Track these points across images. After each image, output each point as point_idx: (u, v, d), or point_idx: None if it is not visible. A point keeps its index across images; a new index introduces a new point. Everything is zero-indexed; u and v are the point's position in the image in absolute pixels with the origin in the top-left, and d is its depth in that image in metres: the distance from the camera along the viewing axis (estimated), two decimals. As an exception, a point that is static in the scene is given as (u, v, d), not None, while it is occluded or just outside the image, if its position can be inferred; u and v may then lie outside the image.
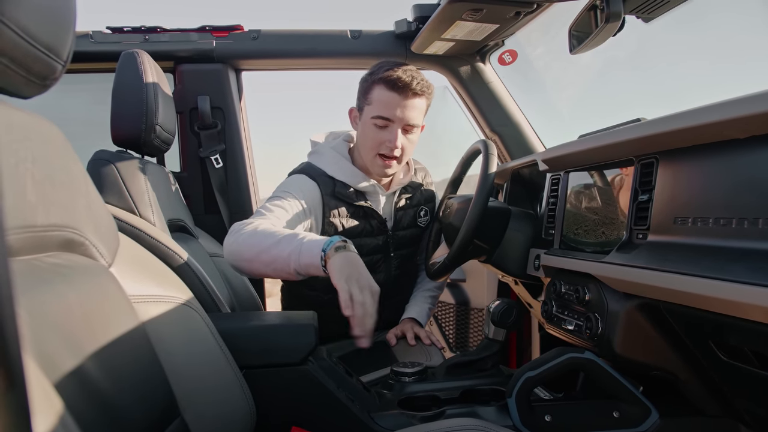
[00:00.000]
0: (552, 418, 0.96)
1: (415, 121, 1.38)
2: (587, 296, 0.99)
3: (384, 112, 1.35)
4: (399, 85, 1.33)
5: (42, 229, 0.59)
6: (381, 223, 1.48)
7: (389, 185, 1.52)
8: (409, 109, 1.36)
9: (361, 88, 1.42)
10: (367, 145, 1.40)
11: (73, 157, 0.68)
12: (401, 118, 1.36)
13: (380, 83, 1.36)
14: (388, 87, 1.34)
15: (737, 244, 0.68)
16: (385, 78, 1.35)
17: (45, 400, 0.39)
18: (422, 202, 1.59)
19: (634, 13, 1.09)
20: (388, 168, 1.41)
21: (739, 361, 0.76)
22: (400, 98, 1.34)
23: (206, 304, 1.12)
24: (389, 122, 1.36)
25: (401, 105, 1.35)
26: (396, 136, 1.36)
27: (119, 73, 1.29)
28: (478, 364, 1.20)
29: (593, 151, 1.02)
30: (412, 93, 1.34)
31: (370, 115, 1.38)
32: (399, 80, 1.33)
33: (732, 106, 0.67)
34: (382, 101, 1.35)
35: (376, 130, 1.37)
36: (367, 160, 1.43)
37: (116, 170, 1.22)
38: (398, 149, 1.38)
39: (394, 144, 1.36)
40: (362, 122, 1.41)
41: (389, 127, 1.37)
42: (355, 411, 1.00)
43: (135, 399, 0.64)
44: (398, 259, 1.53)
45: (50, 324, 0.54)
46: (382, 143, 1.37)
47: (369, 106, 1.38)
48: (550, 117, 2.21)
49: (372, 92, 1.37)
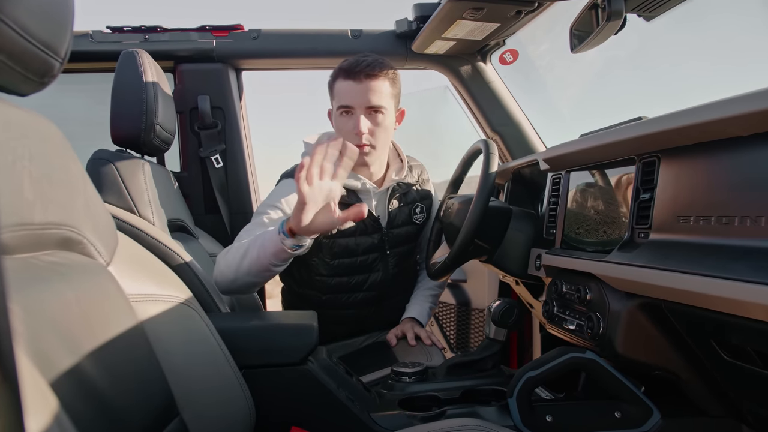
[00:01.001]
0: (553, 419, 0.96)
1: (376, 103, 1.37)
2: (588, 296, 0.99)
3: (343, 100, 1.38)
4: (351, 71, 1.36)
5: (39, 227, 0.58)
6: (374, 221, 1.48)
7: (381, 182, 1.52)
8: (365, 91, 1.36)
9: (329, 87, 1.45)
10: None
11: (71, 155, 0.68)
12: (360, 102, 1.36)
13: (338, 75, 1.39)
14: (343, 76, 1.38)
15: (740, 242, 0.67)
16: (339, 68, 1.39)
17: (40, 399, 0.38)
18: (417, 200, 1.58)
19: (636, 11, 1.09)
20: (364, 156, 1.40)
21: (742, 361, 0.76)
22: (354, 83, 1.36)
23: (206, 303, 1.11)
24: (351, 109, 1.38)
25: (356, 90, 1.36)
26: (359, 120, 1.37)
27: (119, 72, 1.29)
28: (478, 364, 1.20)
29: (594, 150, 1.02)
30: (364, 75, 1.35)
31: (335, 108, 1.41)
32: (350, 66, 1.36)
33: (735, 103, 0.66)
34: (341, 91, 1.38)
35: (342, 120, 1.40)
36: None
37: (116, 170, 1.21)
38: (365, 135, 1.38)
39: (358, 129, 1.37)
40: (334, 119, 1.44)
41: (352, 114, 1.38)
42: (355, 411, 1.00)
43: (133, 398, 0.64)
44: (395, 257, 1.53)
45: (47, 322, 0.54)
46: (349, 132, 1.39)
47: (334, 100, 1.41)
48: (552, 117, 2.20)
49: (334, 86, 1.41)
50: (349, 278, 1.48)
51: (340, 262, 1.45)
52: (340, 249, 1.44)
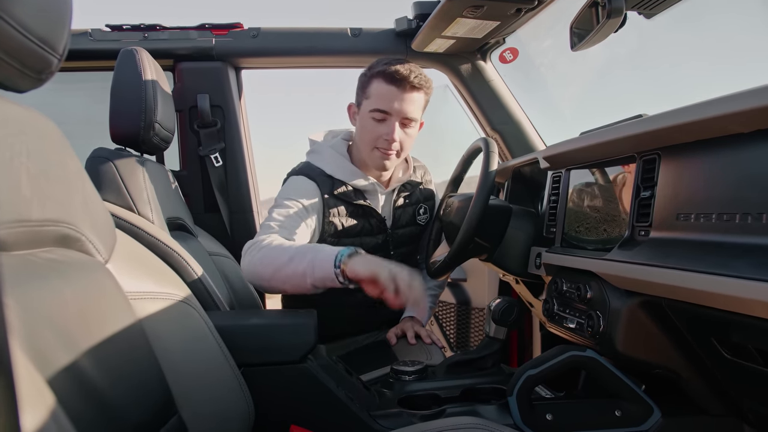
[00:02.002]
0: (553, 417, 0.96)
1: (412, 115, 1.38)
2: (589, 294, 0.98)
3: (382, 105, 1.36)
4: (397, 78, 1.34)
5: (37, 223, 0.58)
6: (380, 221, 1.48)
7: (388, 183, 1.51)
8: (407, 102, 1.36)
9: (360, 83, 1.42)
10: (365, 139, 1.40)
11: (69, 152, 0.68)
12: (399, 111, 1.36)
13: (378, 77, 1.36)
14: (386, 80, 1.35)
15: (740, 239, 0.67)
16: (383, 71, 1.35)
17: (37, 396, 0.38)
18: (421, 200, 1.58)
19: (636, 9, 1.08)
20: (386, 160, 1.40)
21: (743, 359, 0.75)
22: (398, 91, 1.35)
23: (205, 302, 1.11)
24: (387, 115, 1.36)
25: (399, 98, 1.35)
26: (393, 129, 1.36)
27: (118, 70, 1.28)
28: (478, 362, 1.20)
29: (595, 148, 1.01)
30: (410, 86, 1.35)
31: (368, 109, 1.38)
32: (397, 73, 1.34)
33: (736, 99, 0.66)
34: (380, 94, 1.36)
35: (374, 123, 1.37)
36: (365, 154, 1.42)
37: (115, 168, 1.21)
38: (396, 143, 1.38)
39: (391, 137, 1.36)
40: (360, 117, 1.41)
41: (387, 121, 1.37)
42: (354, 410, 1.00)
43: (131, 396, 0.64)
44: (398, 257, 1.53)
45: (44, 320, 0.53)
46: (379, 137, 1.37)
47: (367, 100, 1.38)
48: (552, 115, 2.20)
49: (370, 86, 1.38)
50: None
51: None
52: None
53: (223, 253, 1.61)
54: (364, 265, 1.06)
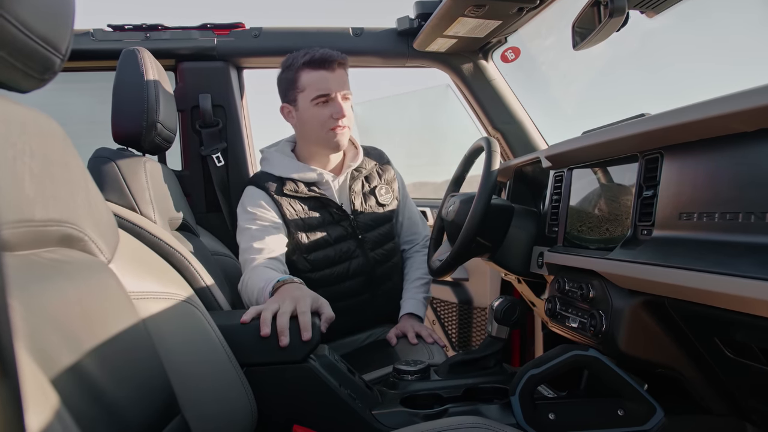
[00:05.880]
0: (556, 416, 0.95)
1: (348, 89, 1.46)
2: (591, 293, 0.98)
3: (321, 89, 1.42)
4: (324, 61, 1.41)
5: (40, 223, 0.58)
6: (338, 209, 1.50)
7: (339, 170, 1.56)
8: (340, 80, 1.44)
9: (285, 82, 1.49)
10: (315, 127, 1.46)
11: (72, 152, 0.68)
12: (338, 90, 1.43)
13: (305, 68, 1.43)
14: (314, 67, 1.42)
15: (744, 238, 0.67)
16: (308, 61, 1.42)
17: (41, 395, 0.38)
18: (380, 182, 1.60)
19: (638, 8, 1.08)
20: (340, 136, 1.46)
21: (746, 359, 0.75)
22: (329, 73, 1.42)
23: (207, 301, 1.11)
24: (328, 97, 1.43)
25: (332, 78, 1.43)
26: (340, 106, 1.43)
27: (120, 70, 1.28)
28: (481, 362, 1.19)
29: (597, 147, 1.01)
30: (337, 64, 1.43)
31: (308, 99, 1.44)
32: (322, 58, 1.42)
33: (739, 98, 0.66)
34: (315, 81, 1.42)
35: (319, 108, 1.44)
36: (320, 139, 1.48)
37: (117, 168, 1.21)
38: (346, 117, 1.45)
39: (341, 113, 1.43)
40: (301, 111, 1.47)
41: (330, 102, 1.44)
42: (357, 409, 1.00)
43: (134, 396, 0.64)
44: (371, 242, 1.54)
45: (48, 320, 0.53)
46: (328, 118, 1.44)
47: (303, 92, 1.45)
48: (554, 115, 2.20)
49: (300, 80, 1.44)
50: (331, 270, 1.50)
51: (317, 255, 1.48)
52: (313, 242, 1.47)
53: (225, 253, 1.61)
54: (278, 294, 1.16)
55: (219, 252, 1.56)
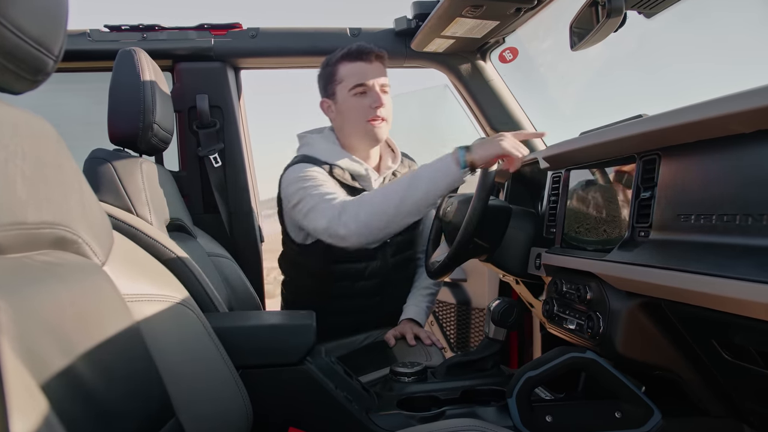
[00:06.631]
0: (553, 419, 0.95)
1: (386, 81, 1.49)
2: (589, 295, 0.98)
3: (359, 79, 1.45)
4: (362, 53, 1.45)
5: (33, 226, 0.58)
6: None
7: (379, 169, 1.56)
8: (377, 71, 1.47)
9: (324, 77, 1.51)
10: (354, 118, 1.47)
11: (65, 154, 0.67)
12: (375, 80, 1.46)
13: (343, 60, 1.46)
14: (352, 59, 1.46)
15: (741, 240, 0.66)
16: (346, 54, 1.46)
17: (28, 400, 0.38)
18: None
19: (636, 8, 1.08)
20: (379, 129, 1.47)
21: (744, 361, 0.75)
22: (365, 64, 1.46)
23: (203, 303, 1.11)
24: (366, 87, 1.46)
25: (370, 69, 1.46)
26: (378, 95, 1.45)
27: (116, 71, 1.28)
28: (478, 363, 1.19)
29: (594, 148, 1.01)
30: (374, 56, 1.47)
31: (346, 90, 1.46)
32: (358, 50, 1.46)
33: (737, 99, 0.65)
34: (353, 73, 1.45)
35: (357, 99, 1.46)
36: (359, 131, 1.48)
37: (113, 169, 1.21)
38: (383, 108, 1.46)
39: (379, 102, 1.45)
40: (340, 103, 1.48)
41: (368, 92, 1.46)
42: (353, 411, 0.99)
43: (128, 399, 0.63)
44: (393, 246, 1.54)
45: (40, 323, 0.53)
46: (367, 108, 1.45)
47: (341, 84, 1.47)
48: (552, 115, 2.19)
49: (338, 72, 1.47)
50: (349, 266, 1.50)
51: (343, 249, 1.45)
52: None
53: (223, 254, 1.61)
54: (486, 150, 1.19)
55: (216, 253, 1.56)
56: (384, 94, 1.47)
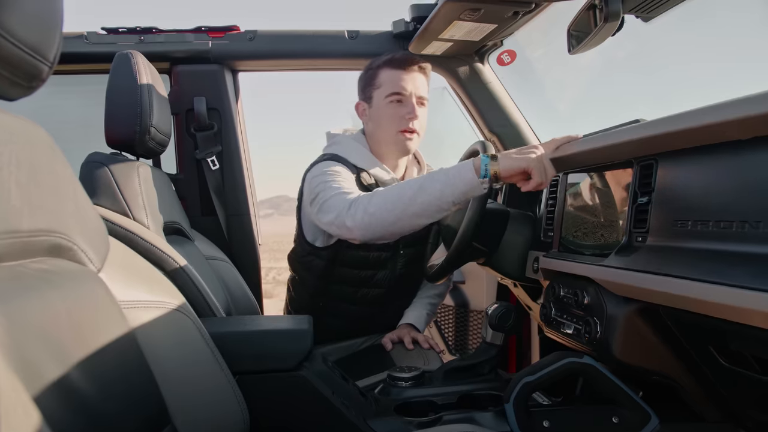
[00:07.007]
0: (550, 424, 0.95)
1: (423, 94, 1.46)
2: (586, 300, 0.98)
3: (397, 87, 1.43)
4: (404, 62, 1.44)
5: (27, 234, 0.57)
6: None
7: (403, 179, 1.54)
8: (418, 82, 1.45)
9: (365, 79, 1.50)
10: (387, 125, 1.45)
11: (60, 159, 0.67)
12: (413, 90, 1.44)
13: (385, 65, 1.45)
14: (394, 66, 1.44)
15: (738, 247, 0.66)
16: (389, 60, 1.45)
17: (19, 409, 0.37)
18: None
19: (633, 12, 1.08)
20: (409, 141, 1.46)
21: (741, 367, 0.75)
22: (406, 73, 1.44)
23: (200, 308, 1.10)
24: (403, 96, 1.43)
25: (410, 79, 1.44)
26: (413, 107, 1.43)
27: (113, 74, 1.27)
28: (476, 368, 1.19)
29: (592, 153, 1.01)
30: (417, 67, 1.45)
31: (383, 96, 1.45)
32: (403, 58, 1.45)
33: (734, 106, 0.65)
34: (393, 80, 1.44)
35: (393, 107, 1.44)
36: (388, 141, 1.47)
37: (110, 173, 1.20)
38: (417, 120, 1.44)
39: (413, 114, 1.43)
40: (375, 108, 1.47)
41: (404, 101, 1.44)
42: (350, 417, 0.99)
43: (124, 407, 0.63)
44: (405, 257, 1.52)
45: (35, 332, 0.52)
46: (401, 117, 1.43)
47: (379, 89, 1.45)
48: (550, 118, 2.19)
49: (379, 77, 1.46)
50: (360, 272, 1.49)
51: (357, 253, 1.46)
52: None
53: (221, 257, 1.60)
54: (514, 162, 1.08)
55: (214, 256, 1.55)
56: (420, 106, 1.45)
